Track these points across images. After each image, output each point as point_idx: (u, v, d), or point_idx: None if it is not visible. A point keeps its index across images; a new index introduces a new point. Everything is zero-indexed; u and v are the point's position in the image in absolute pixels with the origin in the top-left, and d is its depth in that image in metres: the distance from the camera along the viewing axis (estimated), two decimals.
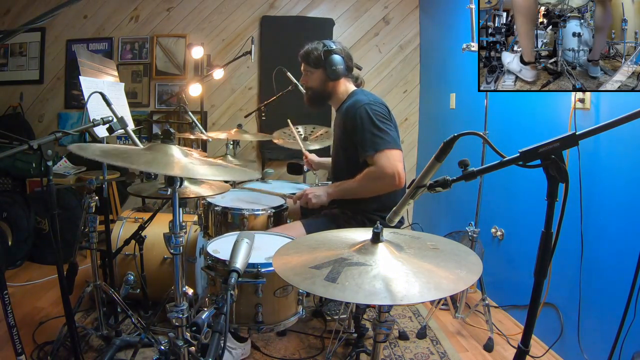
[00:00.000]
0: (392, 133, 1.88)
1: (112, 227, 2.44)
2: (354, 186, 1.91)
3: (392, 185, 1.84)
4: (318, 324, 2.46)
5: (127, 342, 1.98)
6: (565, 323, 2.14)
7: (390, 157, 1.83)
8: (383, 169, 1.82)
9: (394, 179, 1.82)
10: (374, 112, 1.87)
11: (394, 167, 1.82)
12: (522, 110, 2.52)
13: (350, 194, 1.95)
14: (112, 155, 1.20)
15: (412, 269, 1.01)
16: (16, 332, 1.45)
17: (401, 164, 1.85)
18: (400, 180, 1.83)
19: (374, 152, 1.84)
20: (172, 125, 3.88)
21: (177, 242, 1.34)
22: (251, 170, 1.54)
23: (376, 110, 1.88)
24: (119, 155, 1.21)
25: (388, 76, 4.11)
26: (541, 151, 0.88)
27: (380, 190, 1.89)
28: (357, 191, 1.92)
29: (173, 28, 3.99)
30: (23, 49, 3.93)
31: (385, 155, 1.83)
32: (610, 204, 1.92)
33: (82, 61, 2.08)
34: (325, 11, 4.03)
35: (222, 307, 1.07)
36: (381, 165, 1.83)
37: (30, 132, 3.89)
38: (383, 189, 1.88)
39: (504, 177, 2.62)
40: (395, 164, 1.82)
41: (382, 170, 1.82)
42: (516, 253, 2.60)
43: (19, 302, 2.59)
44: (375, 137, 1.84)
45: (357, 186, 1.90)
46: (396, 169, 1.82)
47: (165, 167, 1.22)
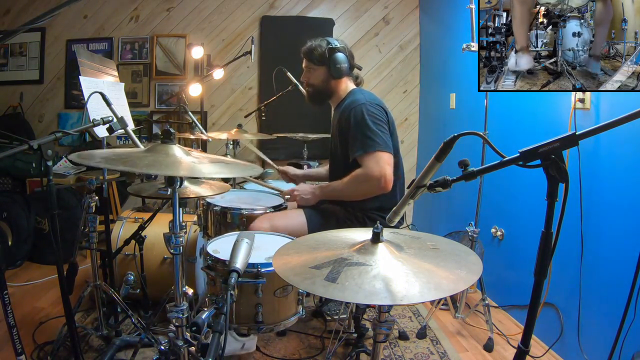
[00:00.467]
0: (384, 135, 1.85)
1: (112, 227, 2.44)
2: (341, 188, 1.90)
3: (378, 188, 1.82)
4: (318, 324, 2.46)
5: (127, 342, 1.98)
6: (565, 323, 2.14)
7: (379, 160, 1.81)
8: (370, 171, 1.81)
9: (380, 182, 1.80)
10: (369, 112, 1.86)
11: (382, 170, 1.80)
12: (522, 110, 2.52)
13: (337, 195, 1.95)
14: (113, 161, 1.19)
15: (412, 269, 1.01)
16: (16, 332, 1.45)
17: (390, 168, 1.83)
18: (386, 184, 1.81)
19: (363, 152, 1.83)
20: (172, 125, 3.88)
21: (177, 242, 1.34)
22: (253, 165, 1.54)
23: (372, 111, 1.87)
24: (120, 160, 1.21)
25: (388, 76, 4.11)
26: (541, 151, 0.88)
27: (366, 193, 1.87)
28: (343, 193, 1.92)
29: (173, 28, 3.99)
30: (23, 49, 3.93)
31: (374, 157, 1.81)
32: (610, 204, 1.92)
33: (82, 61, 2.08)
34: (325, 11, 4.03)
35: (222, 307, 1.07)
36: (369, 167, 1.81)
37: (30, 132, 3.89)
38: (369, 192, 1.86)
39: (504, 177, 2.62)
40: (383, 167, 1.80)
41: (369, 172, 1.81)
42: (516, 253, 2.60)
43: (19, 302, 2.59)
44: (366, 138, 1.83)
45: (344, 188, 1.89)
46: (383, 172, 1.80)
47: (169, 168, 1.22)
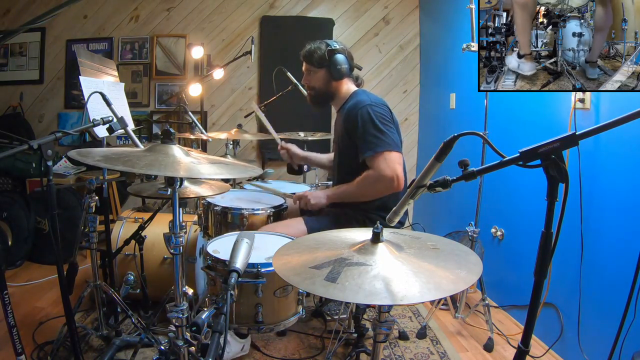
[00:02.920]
0: (392, 135, 1.86)
1: (112, 227, 2.43)
2: (353, 190, 1.90)
3: (391, 188, 1.83)
4: (318, 324, 2.46)
5: (127, 342, 1.98)
6: (565, 323, 2.14)
7: (388, 160, 1.82)
8: (381, 172, 1.81)
9: (393, 182, 1.81)
10: (375, 113, 1.86)
11: (393, 170, 1.81)
12: (522, 110, 2.52)
13: (349, 197, 1.95)
14: (113, 160, 1.19)
15: (412, 269, 1.01)
16: (16, 332, 1.45)
17: (400, 167, 1.84)
18: (399, 183, 1.82)
19: (373, 153, 1.83)
20: (172, 125, 3.88)
21: (177, 242, 1.34)
22: (252, 166, 1.54)
23: (378, 112, 1.87)
24: (120, 159, 1.21)
25: (388, 76, 4.11)
26: (541, 151, 0.88)
27: (379, 194, 1.88)
28: (356, 195, 1.92)
29: (173, 28, 3.99)
30: (23, 49, 3.93)
31: (383, 157, 1.82)
32: (610, 204, 1.92)
33: (82, 61, 2.08)
34: (325, 11, 4.03)
35: (222, 307, 1.07)
36: (380, 168, 1.82)
37: (30, 132, 3.89)
38: (382, 192, 1.87)
39: (504, 177, 2.62)
40: (394, 167, 1.81)
41: (381, 173, 1.81)
42: (516, 253, 2.60)
43: (19, 302, 2.59)
44: (374, 139, 1.83)
45: (356, 190, 1.89)
46: (395, 172, 1.81)
47: (167, 168, 1.22)
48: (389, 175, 1.80)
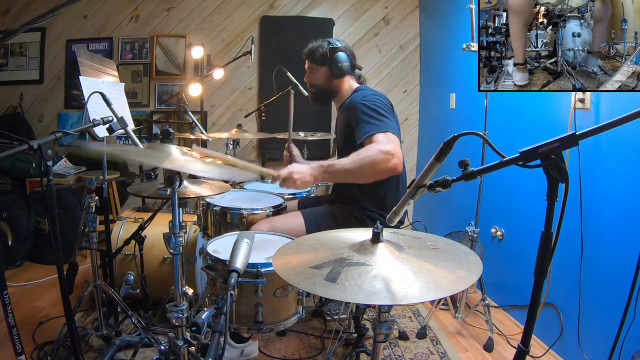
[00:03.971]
0: (390, 122, 1.78)
1: (112, 227, 2.44)
2: (348, 166, 1.67)
3: (388, 165, 1.65)
4: (318, 324, 2.46)
5: (127, 342, 1.98)
6: (565, 323, 2.14)
7: (387, 137, 1.69)
8: (379, 145, 1.66)
9: (391, 157, 1.63)
10: (371, 101, 1.82)
11: (391, 146, 1.65)
12: (522, 110, 2.52)
13: (343, 175, 1.73)
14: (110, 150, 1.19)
15: (412, 269, 1.01)
16: (16, 332, 1.45)
17: (399, 148, 1.69)
18: (397, 161, 1.65)
19: (369, 134, 1.71)
20: (172, 125, 3.88)
21: (177, 242, 1.34)
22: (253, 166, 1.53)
23: (374, 100, 1.83)
24: (117, 149, 1.21)
25: (388, 76, 4.11)
26: (541, 151, 0.88)
27: (376, 172, 1.68)
28: (350, 172, 1.68)
29: (173, 28, 3.99)
30: (23, 49, 3.93)
31: (382, 135, 1.70)
32: (610, 204, 1.92)
33: (82, 61, 2.08)
34: (325, 11, 4.03)
35: (222, 307, 1.07)
36: (377, 142, 1.67)
37: (30, 132, 3.90)
38: (379, 170, 1.67)
39: (504, 177, 2.62)
40: (393, 144, 1.66)
41: (378, 147, 1.65)
42: (516, 253, 2.60)
43: (19, 302, 2.59)
44: (371, 120, 1.74)
45: (351, 166, 1.67)
46: (394, 148, 1.65)
47: (157, 160, 1.21)
48: (386, 149, 1.64)
